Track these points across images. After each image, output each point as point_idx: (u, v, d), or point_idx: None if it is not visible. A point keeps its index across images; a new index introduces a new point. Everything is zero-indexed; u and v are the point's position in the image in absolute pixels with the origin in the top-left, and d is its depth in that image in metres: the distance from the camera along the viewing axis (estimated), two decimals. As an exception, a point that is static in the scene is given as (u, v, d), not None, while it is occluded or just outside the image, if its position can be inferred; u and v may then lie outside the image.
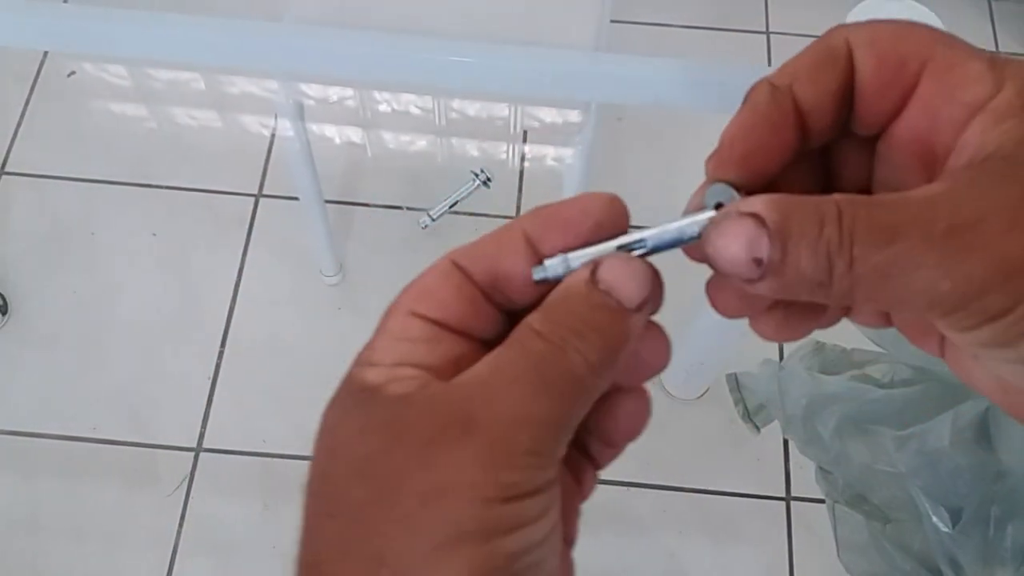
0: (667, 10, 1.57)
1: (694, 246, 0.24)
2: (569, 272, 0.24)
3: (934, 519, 0.67)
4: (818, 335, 0.83)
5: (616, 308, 0.23)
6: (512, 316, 0.25)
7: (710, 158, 0.25)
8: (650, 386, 0.26)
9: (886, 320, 0.27)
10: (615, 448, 0.27)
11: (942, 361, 0.26)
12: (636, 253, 0.24)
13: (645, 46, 1.54)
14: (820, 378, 0.74)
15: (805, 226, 0.21)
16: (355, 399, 0.23)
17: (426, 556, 0.20)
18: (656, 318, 0.25)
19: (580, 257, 0.24)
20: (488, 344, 0.25)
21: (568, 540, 0.26)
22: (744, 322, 0.26)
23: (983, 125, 0.22)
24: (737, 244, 0.21)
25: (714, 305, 0.26)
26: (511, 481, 0.21)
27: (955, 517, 0.67)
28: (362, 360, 0.24)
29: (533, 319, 0.23)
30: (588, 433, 0.26)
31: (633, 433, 0.26)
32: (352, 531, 0.21)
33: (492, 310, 0.25)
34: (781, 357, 1.19)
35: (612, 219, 0.24)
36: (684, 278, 0.33)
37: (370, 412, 0.22)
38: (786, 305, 0.26)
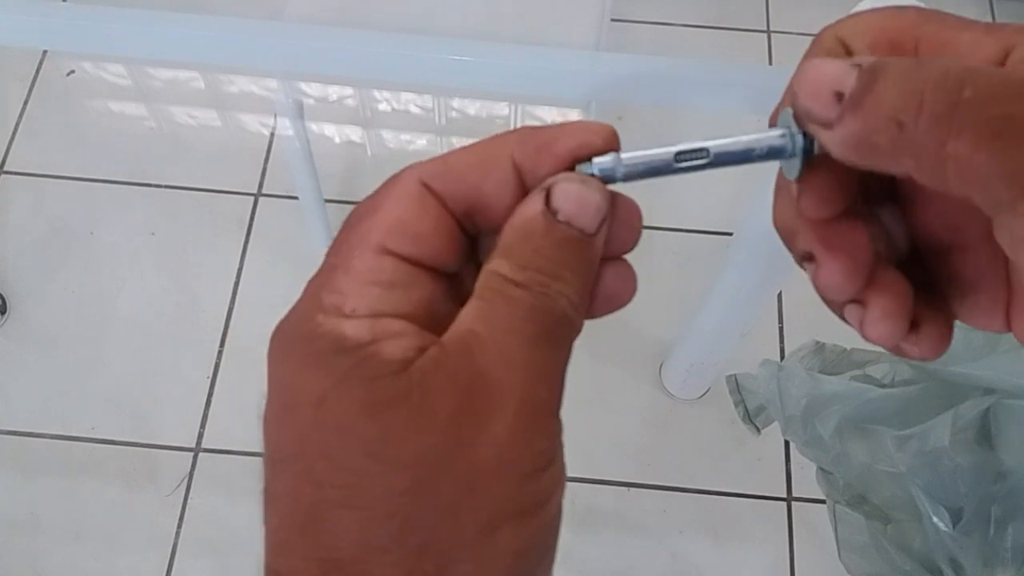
0: (668, 9, 1.57)
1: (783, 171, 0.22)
2: (621, 175, 0.23)
3: (934, 519, 0.67)
4: (818, 335, 0.83)
5: (579, 238, 0.22)
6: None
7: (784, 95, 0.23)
8: (650, 387, 0.26)
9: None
10: None
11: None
12: (694, 164, 0.23)
13: (645, 45, 1.54)
14: (820, 378, 0.74)
15: (903, 66, 0.19)
16: (341, 360, 0.20)
17: (472, 541, 0.20)
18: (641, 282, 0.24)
19: (633, 160, 0.23)
20: (449, 277, 0.23)
21: None
22: (743, 322, 0.26)
23: None
24: (821, 72, 0.20)
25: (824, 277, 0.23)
26: (542, 449, 0.21)
27: (955, 517, 0.67)
28: (328, 306, 0.21)
29: (502, 267, 0.22)
30: None
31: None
32: (384, 524, 0.20)
33: (464, 240, 0.23)
34: (781, 358, 1.19)
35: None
36: (685, 278, 0.32)
37: (372, 385, 0.20)
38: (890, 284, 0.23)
